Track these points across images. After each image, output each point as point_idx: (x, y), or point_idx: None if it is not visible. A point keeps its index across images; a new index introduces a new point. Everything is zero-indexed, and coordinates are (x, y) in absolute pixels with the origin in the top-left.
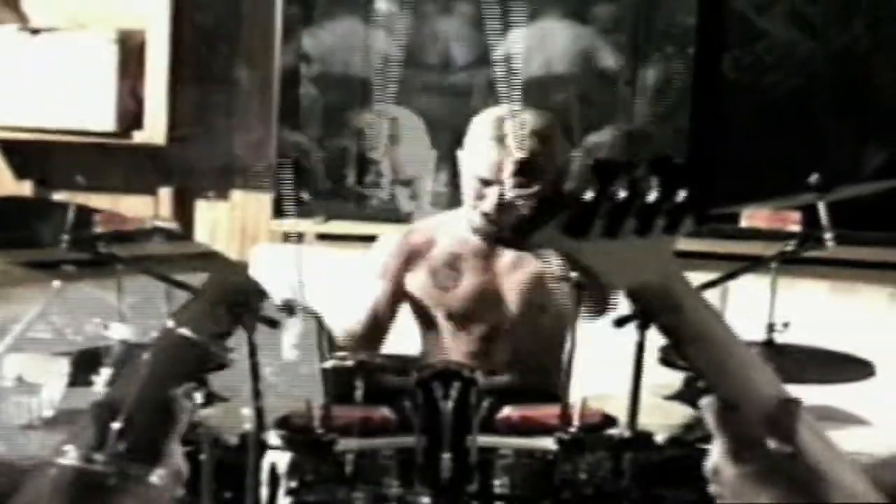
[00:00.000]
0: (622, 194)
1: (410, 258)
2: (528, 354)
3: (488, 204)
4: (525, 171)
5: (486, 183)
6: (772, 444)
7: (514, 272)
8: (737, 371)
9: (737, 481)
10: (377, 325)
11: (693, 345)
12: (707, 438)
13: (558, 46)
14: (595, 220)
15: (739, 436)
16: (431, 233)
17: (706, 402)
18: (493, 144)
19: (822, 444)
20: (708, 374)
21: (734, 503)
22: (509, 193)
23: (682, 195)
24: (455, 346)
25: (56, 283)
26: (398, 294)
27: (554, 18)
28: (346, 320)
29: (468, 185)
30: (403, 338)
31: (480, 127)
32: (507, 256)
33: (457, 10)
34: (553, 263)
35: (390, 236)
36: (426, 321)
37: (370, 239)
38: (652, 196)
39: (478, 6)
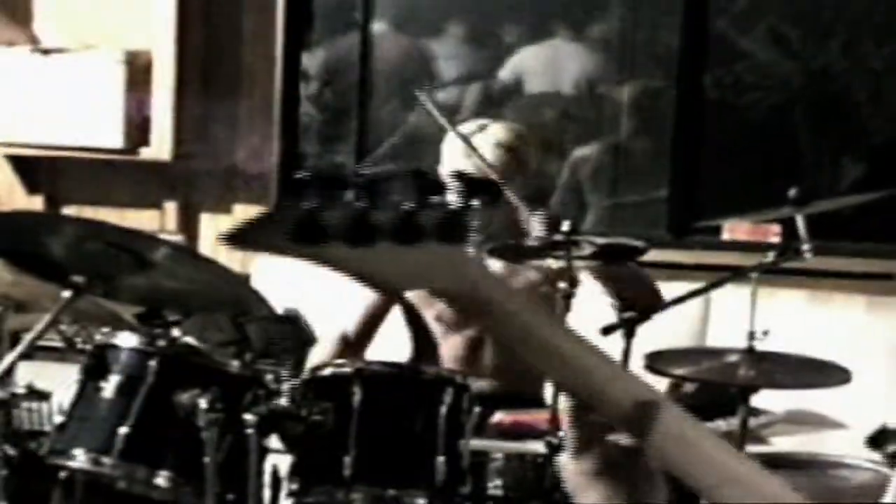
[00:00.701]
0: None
1: None
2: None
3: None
4: (501, 172)
5: None
6: (615, 443)
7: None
8: (587, 372)
9: (575, 478)
10: (369, 328)
11: (523, 345)
12: None
13: (555, 65)
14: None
15: (585, 435)
16: None
17: (562, 401)
18: (464, 160)
19: (683, 446)
20: (553, 375)
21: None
22: None
23: (476, 204)
24: (444, 351)
25: (65, 294)
26: (390, 299)
27: (560, 39)
28: (340, 323)
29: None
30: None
31: (450, 143)
32: (496, 266)
33: (449, 30)
34: (540, 274)
35: None
36: (417, 326)
37: None
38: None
39: (470, 27)
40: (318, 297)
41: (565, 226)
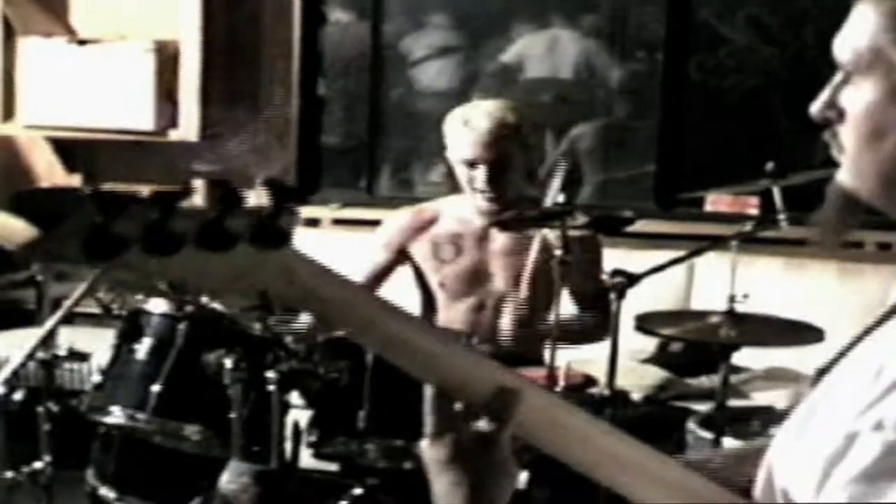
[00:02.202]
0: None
1: (417, 231)
2: (511, 327)
3: (479, 181)
4: (497, 145)
5: (471, 164)
6: (475, 429)
7: (505, 256)
8: (442, 360)
9: (433, 464)
10: (370, 288)
11: (367, 334)
12: (678, 397)
13: (553, 51)
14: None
15: (442, 421)
16: (438, 211)
17: (427, 389)
18: (463, 130)
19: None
20: (405, 364)
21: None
22: (500, 169)
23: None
24: (447, 315)
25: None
26: (395, 262)
27: (558, 27)
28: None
29: (460, 174)
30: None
31: (450, 120)
32: (500, 241)
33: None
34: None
35: (402, 212)
36: (425, 289)
37: (378, 223)
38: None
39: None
40: (332, 265)
41: (561, 198)
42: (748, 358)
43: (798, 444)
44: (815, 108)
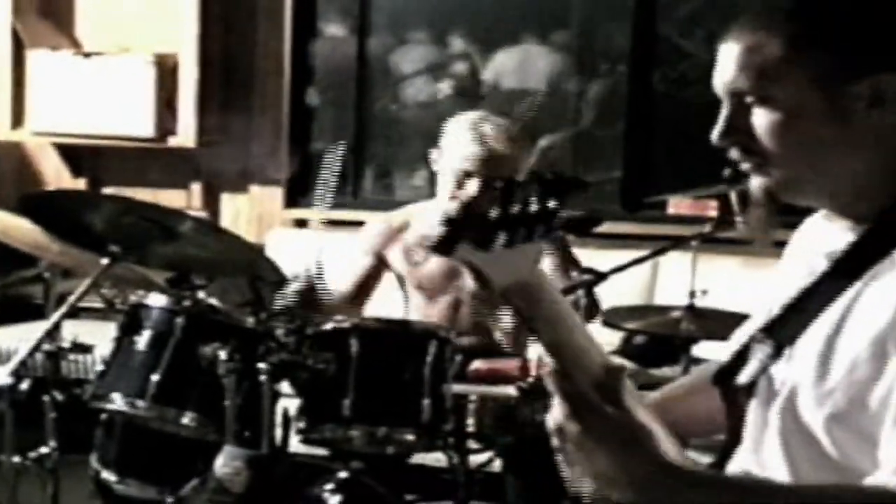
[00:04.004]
0: (515, 209)
1: (389, 239)
2: (487, 321)
3: (471, 191)
4: (500, 165)
5: (467, 175)
6: (603, 407)
7: None
8: (577, 345)
9: (579, 437)
10: (360, 291)
11: (547, 324)
12: (642, 387)
13: (527, 66)
14: (496, 233)
15: (576, 400)
16: (409, 218)
17: (547, 371)
18: (472, 142)
19: (638, 406)
20: (551, 348)
21: (576, 462)
22: (491, 183)
23: (551, 206)
24: (426, 313)
25: (103, 261)
26: (379, 267)
27: (530, 42)
28: (337, 284)
29: (448, 178)
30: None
31: (459, 128)
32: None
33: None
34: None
35: (377, 220)
36: (405, 292)
37: (362, 224)
38: (532, 208)
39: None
40: (323, 264)
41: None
42: (707, 350)
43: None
44: (719, 138)
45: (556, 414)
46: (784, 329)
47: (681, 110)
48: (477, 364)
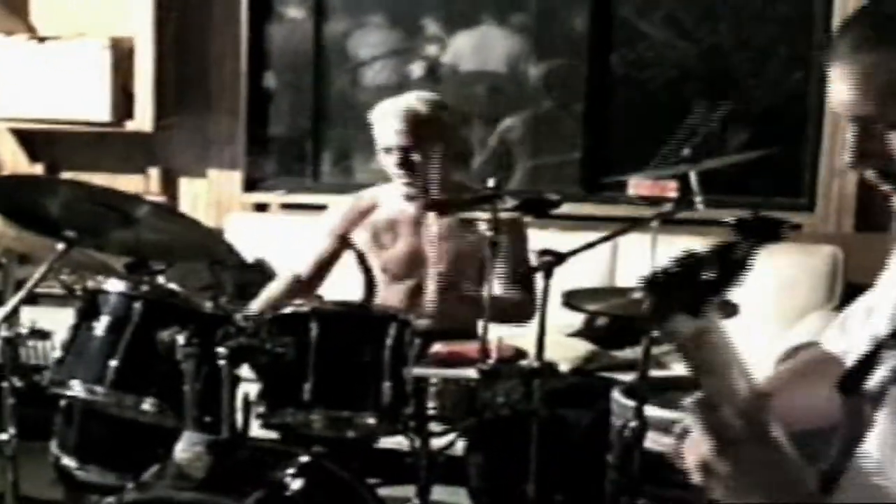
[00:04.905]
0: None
1: (357, 219)
2: (447, 305)
3: (392, 166)
4: (423, 128)
5: (387, 150)
6: (754, 442)
7: (440, 241)
8: (731, 375)
9: (730, 479)
10: (318, 272)
11: (711, 368)
12: (603, 368)
13: (485, 48)
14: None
15: (724, 436)
16: (376, 199)
17: (689, 401)
18: (387, 119)
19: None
20: (699, 373)
21: (728, 501)
22: (412, 155)
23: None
24: (387, 296)
25: (60, 246)
26: (339, 248)
27: (489, 25)
28: (294, 265)
29: (384, 161)
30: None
31: (378, 111)
32: (434, 226)
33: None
34: (476, 237)
35: (343, 201)
36: (367, 273)
37: (322, 208)
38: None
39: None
40: (281, 248)
41: (491, 182)
42: None
43: None
44: (852, 165)
45: (701, 450)
46: None
47: (639, 91)
48: (437, 347)
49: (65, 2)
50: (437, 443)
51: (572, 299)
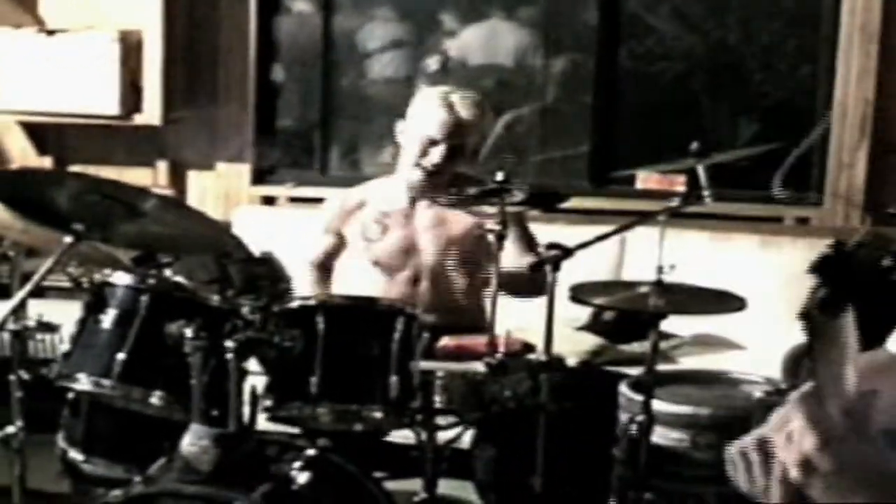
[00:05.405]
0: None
1: (347, 215)
2: (446, 298)
3: (435, 158)
4: (465, 132)
5: (433, 142)
6: (857, 439)
7: (432, 230)
8: (844, 372)
9: (832, 477)
10: (324, 267)
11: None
12: (610, 362)
13: (494, 41)
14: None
15: (830, 432)
16: (365, 195)
17: (795, 395)
18: (441, 109)
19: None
20: (818, 364)
21: (828, 500)
22: (451, 150)
23: None
24: (385, 290)
25: (67, 239)
26: (340, 244)
27: (498, 18)
28: (305, 256)
29: (413, 146)
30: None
31: (427, 97)
32: (426, 216)
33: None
34: (467, 221)
35: (333, 197)
36: (361, 269)
37: None
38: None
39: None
40: (289, 241)
41: (499, 175)
42: (676, 325)
43: None
44: None
45: (803, 445)
46: None
47: (647, 85)
48: (445, 340)
49: None
50: (443, 436)
51: (580, 293)
